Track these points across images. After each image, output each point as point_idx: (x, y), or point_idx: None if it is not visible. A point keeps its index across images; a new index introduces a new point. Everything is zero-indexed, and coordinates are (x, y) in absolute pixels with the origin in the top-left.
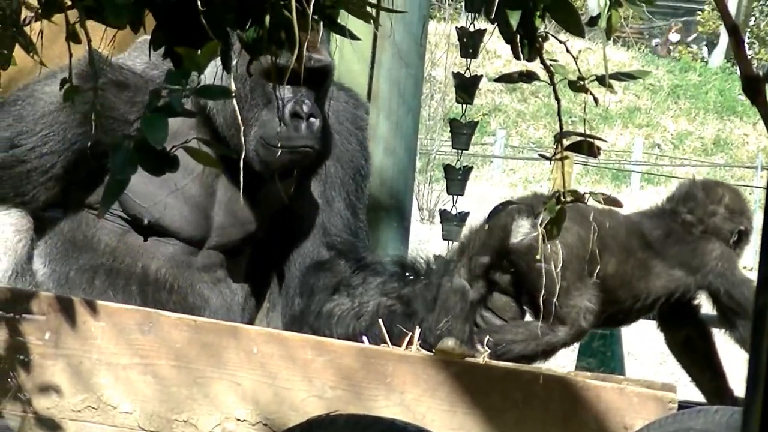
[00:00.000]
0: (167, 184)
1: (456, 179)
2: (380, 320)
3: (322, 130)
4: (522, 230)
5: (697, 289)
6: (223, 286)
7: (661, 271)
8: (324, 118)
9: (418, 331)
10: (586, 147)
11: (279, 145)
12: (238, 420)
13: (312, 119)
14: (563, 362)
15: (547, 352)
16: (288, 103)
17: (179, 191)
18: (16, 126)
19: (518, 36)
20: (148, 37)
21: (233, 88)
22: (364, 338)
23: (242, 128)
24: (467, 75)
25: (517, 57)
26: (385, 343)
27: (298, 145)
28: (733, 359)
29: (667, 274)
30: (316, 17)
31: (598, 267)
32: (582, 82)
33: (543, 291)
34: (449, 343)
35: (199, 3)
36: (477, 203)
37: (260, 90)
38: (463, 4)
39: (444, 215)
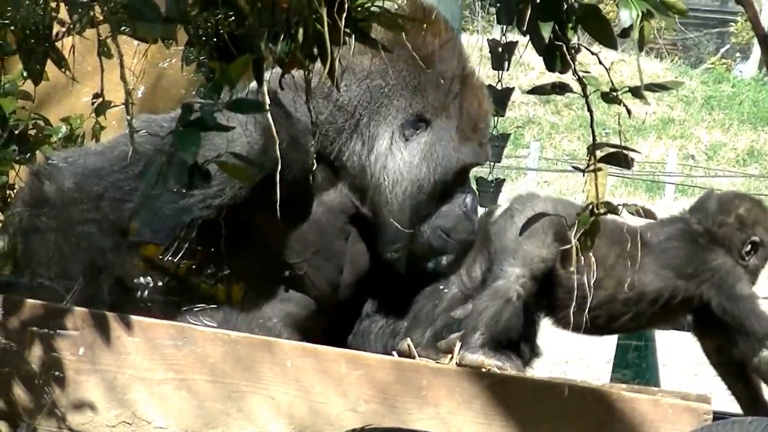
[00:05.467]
0: (309, 242)
1: (488, 191)
2: (409, 339)
3: None
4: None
5: (688, 295)
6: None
7: (649, 269)
8: None
9: (458, 344)
10: (620, 158)
11: (458, 237)
12: None
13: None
14: (598, 374)
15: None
16: (467, 196)
17: (320, 253)
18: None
19: (551, 48)
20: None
21: (267, 102)
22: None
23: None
24: (500, 87)
25: (550, 69)
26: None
27: (471, 237)
28: None
29: (656, 272)
30: (348, 30)
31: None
32: (615, 94)
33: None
34: (403, 345)
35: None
36: None
37: (442, 184)
38: (495, 16)
39: None
